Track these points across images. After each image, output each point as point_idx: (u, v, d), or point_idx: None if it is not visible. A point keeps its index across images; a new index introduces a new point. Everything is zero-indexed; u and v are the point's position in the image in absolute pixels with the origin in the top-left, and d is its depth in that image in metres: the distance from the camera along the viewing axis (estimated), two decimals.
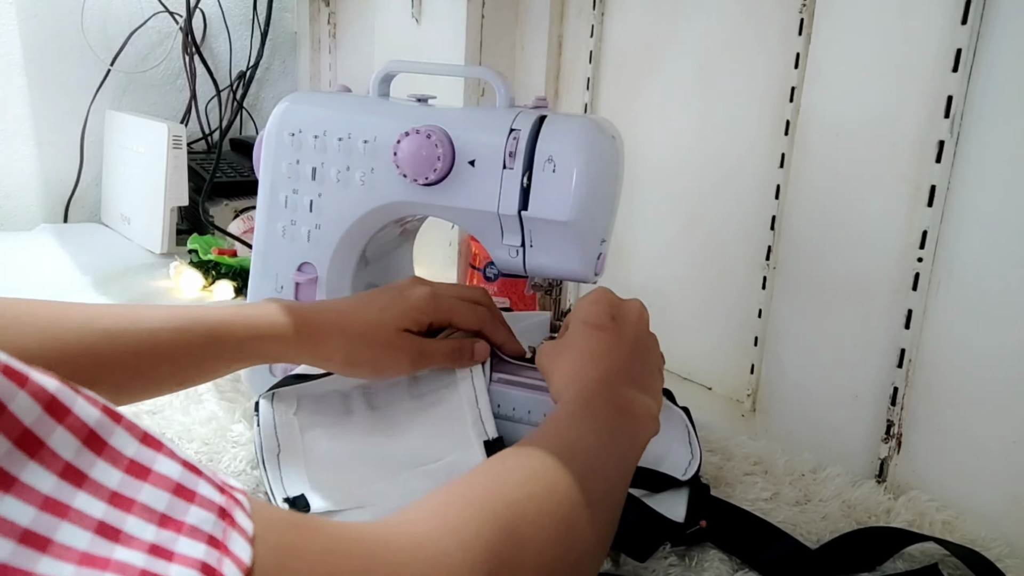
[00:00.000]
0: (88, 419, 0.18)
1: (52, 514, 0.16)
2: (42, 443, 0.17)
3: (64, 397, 0.18)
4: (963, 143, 0.57)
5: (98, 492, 0.17)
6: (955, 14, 0.56)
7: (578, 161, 0.54)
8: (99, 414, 0.18)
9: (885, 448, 0.63)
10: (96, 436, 0.18)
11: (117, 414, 0.19)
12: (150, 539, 0.18)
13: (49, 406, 0.17)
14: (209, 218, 1.07)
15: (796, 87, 0.68)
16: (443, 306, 0.57)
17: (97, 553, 0.16)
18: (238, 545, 0.19)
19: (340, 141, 0.61)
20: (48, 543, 0.16)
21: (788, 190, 0.69)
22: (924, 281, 0.60)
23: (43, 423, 0.17)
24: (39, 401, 0.17)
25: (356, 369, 0.56)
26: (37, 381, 0.17)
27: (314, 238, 0.63)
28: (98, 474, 0.18)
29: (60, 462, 0.17)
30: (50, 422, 0.17)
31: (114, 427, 0.18)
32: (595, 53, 0.87)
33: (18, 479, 0.16)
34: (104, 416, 0.18)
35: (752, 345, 0.75)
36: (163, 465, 0.19)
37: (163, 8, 1.27)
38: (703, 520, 0.53)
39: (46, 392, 0.17)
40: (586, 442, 0.42)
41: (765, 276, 0.72)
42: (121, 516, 0.17)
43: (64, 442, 0.17)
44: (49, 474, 0.17)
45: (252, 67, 1.29)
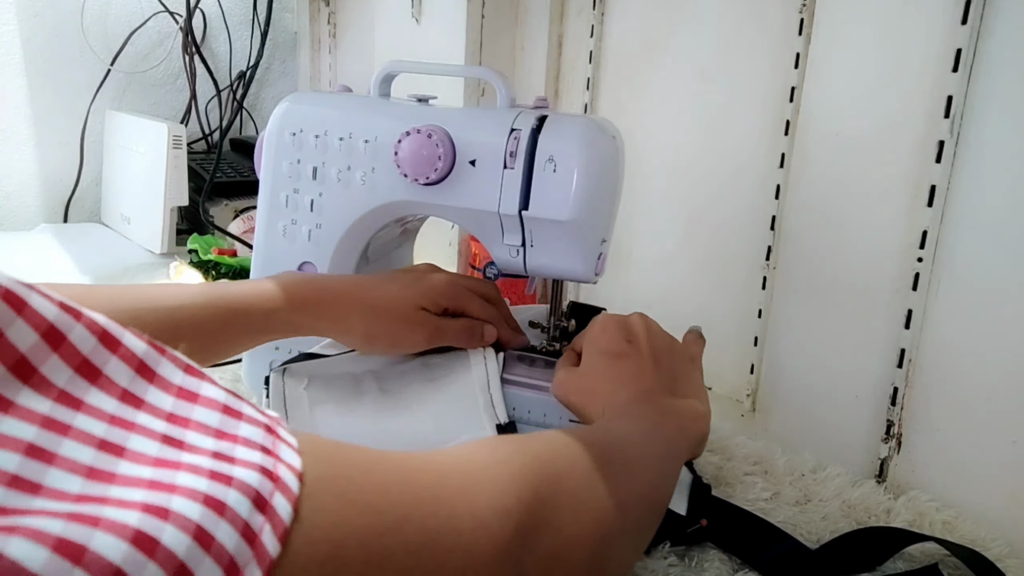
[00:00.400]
0: (137, 350, 0.20)
1: (121, 428, 0.18)
2: (100, 371, 0.18)
3: (114, 330, 0.19)
4: (963, 143, 0.57)
5: (156, 413, 0.19)
6: (955, 14, 0.56)
7: (578, 161, 0.54)
8: (146, 346, 0.20)
9: (885, 448, 0.63)
10: (146, 366, 0.20)
11: (161, 347, 0.20)
12: (211, 447, 0.19)
13: (103, 337, 0.19)
14: (209, 218, 1.07)
15: (796, 87, 0.68)
16: (460, 294, 0.58)
17: (168, 458, 0.18)
18: (287, 453, 0.21)
19: (341, 141, 0.61)
20: (123, 450, 0.17)
21: (788, 190, 0.69)
22: (924, 281, 0.60)
23: (99, 352, 0.19)
24: (93, 332, 0.19)
25: (375, 342, 0.57)
26: (90, 315, 0.19)
27: (315, 238, 0.63)
28: (152, 399, 0.19)
29: (118, 388, 0.19)
30: (105, 352, 0.19)
31: (160, 358, 0.20)
32: (595, 53, 0.87)
33: (84, 401, 0.18)
34: (151, 348, 0.20)
35: (752, 345, 0.75)
36: (208, 390, 0.21)
37: (163, 8, 1.27)
38: (704, 519, 0.53)
39: (98, 325, 0.19)
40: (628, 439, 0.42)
41: (765, 276, 0.72)
42: (181, 431, 0.19)
43: (119, 370, 0.19)
44: (110, 398, 0.18)
45: (252, 67, 1.29)
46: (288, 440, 0.21)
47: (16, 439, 0.15)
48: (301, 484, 0.20)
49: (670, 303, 0.82)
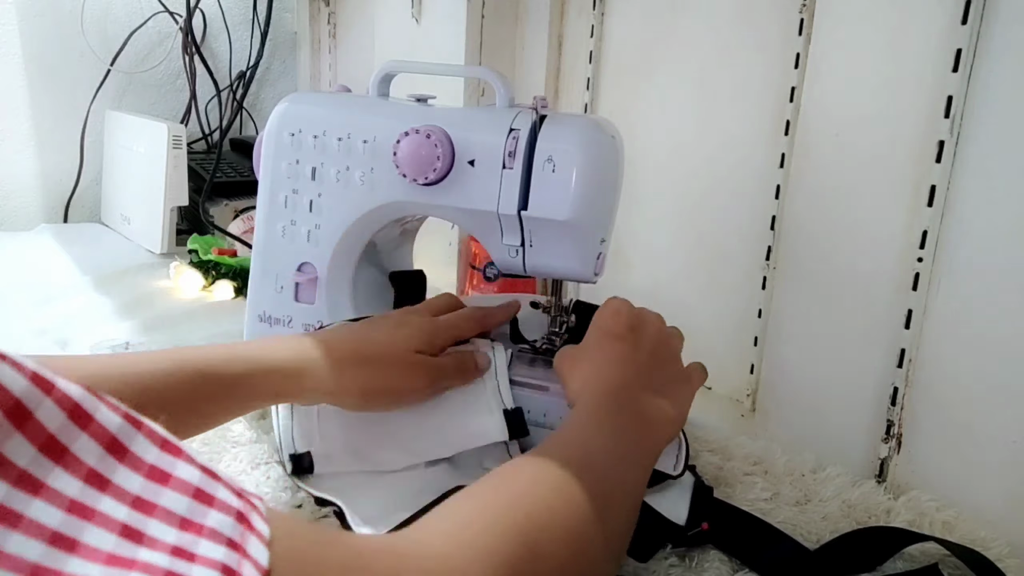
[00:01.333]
0: (110, 426, 0.19)
1: (79, 517, 0.17)
2: (66, 449, 0.17)
3: (87, 404, 0.18)
4: (963, 143, 0.57)
5: (121, 497, 0.18)
6: (955, 14, 0.56)
7: (578, 161, 0.54)
8: (121, 420, 0.19)
9: (885, 448, 0.63)
10: (118, 442, 0.18)
11: (138, 420, 0.19)
12: (172, 541, 0.18)
13: (73, 413, 0.18)
14: (209, 218, 1.07)
15: (796, 87, 0.68)
16: (446, 325, 0.57)
17: (122, 554, 0.17)
18: (256, 548, 0.20)
19: (340, 141, 0.61)
20: (76, 544, 0.16)
21: (788, 190, 0.69)
22: (924, 281, 0.60)
23: (68, 430, 0.18)
24: (63, 408, 0.18)
25: (374, 399, 0.52)
26: (62, 388, 0.18)
27: (314, 238, 0.63)
28: (121, 479, 0.18)
29: (84, 467, 0.18)
30: (74, 429, 0.18)
31: (135, 434, 0.19)
32: (595, 53, 0.87)
33: (45, 483, 0.17)
34: (126, 423, 0.19)
35: (752, 345, 0.75)
36: (182, 470, 0.19)
37: (163, 8, 1.27)
38: (705, 523, 0.53)
39: (70, 399, 0.18)
40: (602, 451, 0.41)
41: (765, 276, 0.72)
42: (144, 519, 0.18)
43: (88, 449, 0.18)
44: (74, 479, 0.17)
45: (252, 67, 1.29)
46: (259, 530, 0.20)
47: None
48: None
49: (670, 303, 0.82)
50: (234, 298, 0.96)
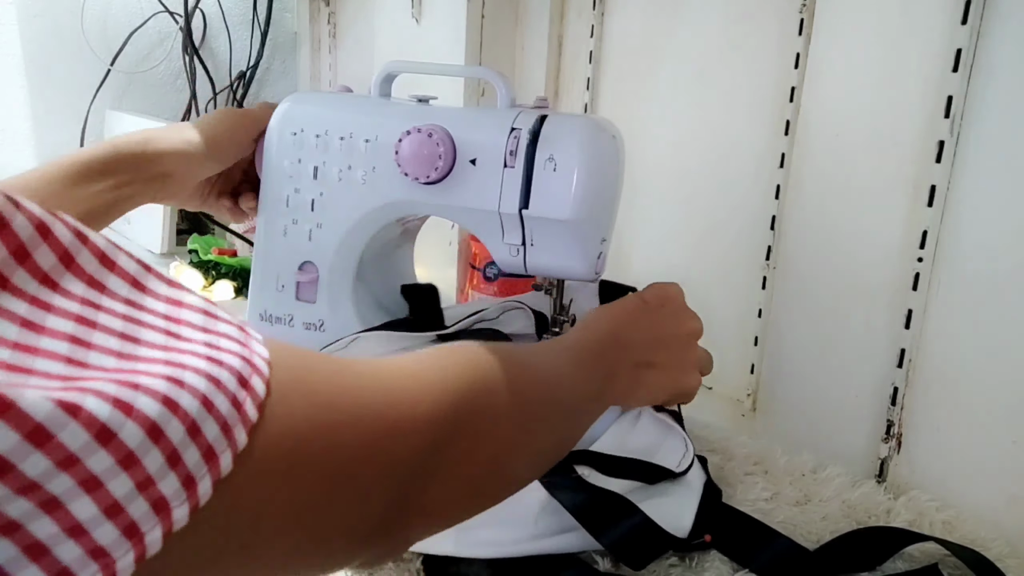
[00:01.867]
0: (130, 269, 0.23)
1: (134, 324, 0.21)
2: (104, 286, 0.22)
3: (111, 252, 0.22)
4: (963, 143, 0.57)
5: (155, 314, 0.22)
6: (955, 14, 0.56)
7: (579, 160, 0.54)
8: (136, 265, 0.23)
9: (885, 448, 0.63)
10: (138, 281, 0.23)
11: (147, 265, 0.23)
12: (202, 339, 0.23)
13: (102, 259, 0.22)
14: (209, 218, 1.07)
15: (796, 87, 0.68)
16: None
17: (172, 346, 0.21)
18: (258, 347, 0.24)
19: (342, 140, 0.61)
20: (138, 341, 0.21)
21: (788, 190, 0.69)
22: (924, 281, 0.60)
23: (101, 271, 0.22)
24: (95, 256, 0.22)
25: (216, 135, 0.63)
26: (93, 240, 0.22)
27: (315, 237, 0.63)
28: (150, 304, 0.23)
29: (121, 297, 0.22)
30: (104, 270, 0.22)
31: (148, 274, 0.23)
32: (595, 53, 0.87)
33: (100, 306, 0.21)
34: (140, 267, 0.23)
35: (752, 345, 0.75)
36: (189, 298, 0.24)
37: (163, 8, 1.27)
38: (708, 535, 0.52)
39: (98, 248, 0.22)
40: (555, 370, 0.43)
41: (765, 276, 0.73)
42: (177, 327, 0.22)
43: (119, 284, 0.22)
44: (115, 303, 0.22)
45: (252, 67, 1.29)
46: (256, 336, 0.25)
47: (61, 331, 0.19)
48: (270, 368, 0.24)
49: None
50: (234, 298, 0.96)
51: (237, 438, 0.22)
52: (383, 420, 0.29)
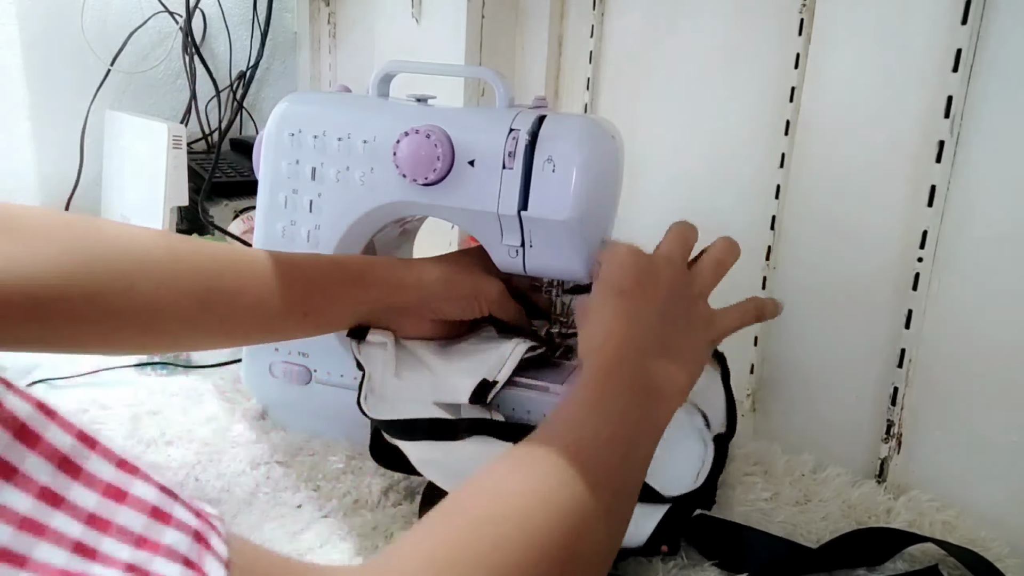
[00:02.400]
0: (62, 445, 0.18)
1: (30, 533, 0.17)
2: (15, 469, 0.17)
3: (35, 424, 0.18)
4: (963, 143, 0.57)
5: (75, 513, 0.18)
6: (955, 14, 0.56)
7: (578, 161, 0.54)
8: (73, 440, 0.18)
9: (885, 448, 0.63)
10: (71, 461, 0.18)
11: (92, 440, 0.19)
12: (126, 558, 0.18)
13: (19, 432, 0.17)
14: (209, 218, 1.07)
15: (796, 87, 0.68)
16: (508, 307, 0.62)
17: (75, 570, 0.17)
18: (213, 567, 0.20)
19: (340, 141, 0.61)
20: (26, 561, 0.16)
21: (788, 190, 0.69)
22: (924, 281, 0.60)
23: (14, 449, 0.17)
24: (9, 428, 0.17)
25: (453, 287, 0.60)
26: (8, 408, 0.17)
27: (314, 238, 0.63)
28: (75, 496, 0.18)
29: (36, 485, 0.17)
30: (21, 448, 0.17)
31: (89, 453, 0.19)
32: (595, 53, 0.87)
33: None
34: (78, 442, 0.19)
35: (752, 345, 0.74)
36: (139, 488, 0.19)
37: (163, 8, 1.27)
38: (664, 545, 0.51)
39: (17, 419, 0.18)
40: (601, 434, 0.40)
41: (765, 276, 0.72)
42: (98, 536, 0.18)
43: (38, 467, 0.18)
44: (26, 496, 0.17)
45: (252, 67, 1.29)
46: (217, 550, 0.20)
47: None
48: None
49: None
50: None
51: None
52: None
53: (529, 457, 0.38)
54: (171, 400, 0.67)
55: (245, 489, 0.56)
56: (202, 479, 0.57)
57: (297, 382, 0.64)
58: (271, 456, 0.61)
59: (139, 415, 0.64)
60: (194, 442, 0.62)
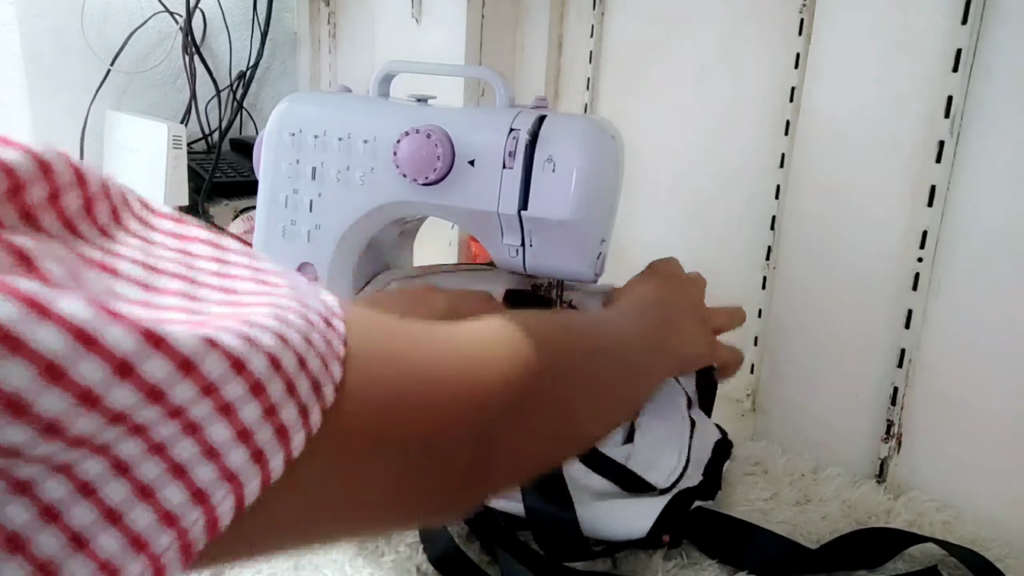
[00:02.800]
0: (202, 232, 0.24)
1: (226, 277, 0.23)
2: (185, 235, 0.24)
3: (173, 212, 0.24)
4: (963, 143, 0.57)
5: (240, 265, 0.24)
6: (955, 14, 0.56)
7: (578, 161, 0.54)
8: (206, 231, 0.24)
9: (885, 448, 0.63)
10: (213, 242, 0.24)
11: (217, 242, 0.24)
12: (287, 283, 0.24)
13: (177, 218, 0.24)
14: (209, 218, 1.07)
15: (796, 87, 0.68)
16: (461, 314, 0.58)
17: (265, 291, 0.23)
18: (331, 300, 0.25)
19: (340, 141, 0.61)
20: (235, 291, 0.22)
21: (788, 190, 0.69)
22: (924, 281, 0.60)
23: (181, 226, 0.24)
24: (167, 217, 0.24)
25: None
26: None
27: (314, 238, 0.63)
28: (231, 257, 0.24)
29: (208, 244, 0.24)
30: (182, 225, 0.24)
31: (220, 236, 0.24)
32: (595, 53, 0.87)
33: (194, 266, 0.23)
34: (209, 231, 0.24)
35: (752, 345, 0.75)
36: (262, 261, 0.25)
37: (163, 8, 1.27)
38: (666, 535, 0.52)
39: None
40: (624, 333, 0.46)
41: (765, 276, 0.72)
42: (264, 275, 0.24)
43: (200, 232, 0.24)
44: (203, 249, 0.23)
45: (252, 67, 1.29)
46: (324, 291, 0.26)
47: (173, 272, 0.21)
48: (346, 324, 0.25)
49: None
50: None
51: (333, 372, 0.23)
52: (460, 386, 0.29)
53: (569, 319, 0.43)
54: None
55: None
56: None
57: None
58: None
59: None
60: None
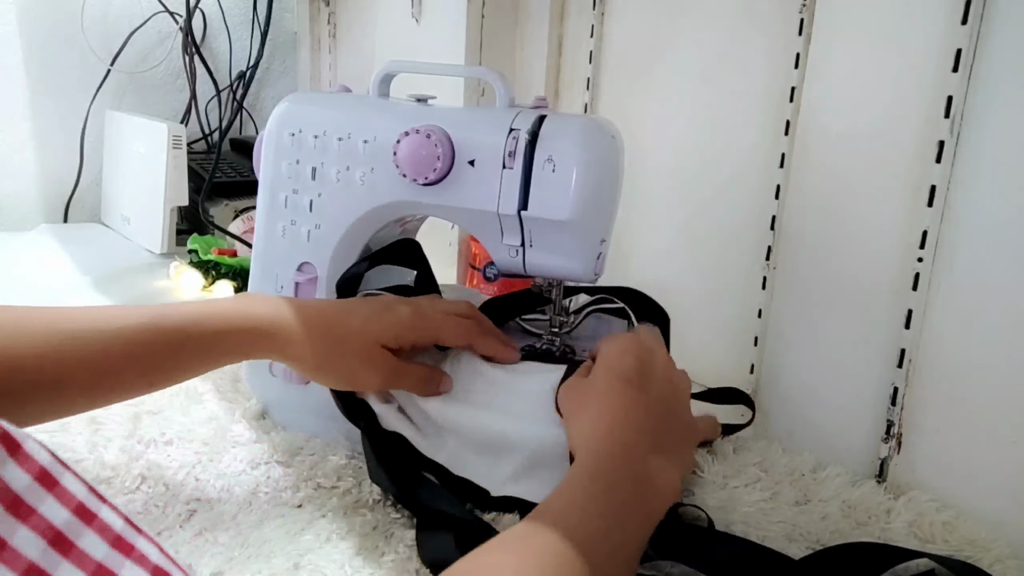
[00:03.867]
0: (56, 520, 0.18)
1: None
2: (5, 543, 0.17)
3: (30, 497, 0.17)
4: (963, 143, 0.57)
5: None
6: (955, 14, 0.56)
7: (578, 161, 0.54)
8: (69, 515, 0.18)
9: (885, 448, 0.63)
10: (64, 537, 0.18)
11: (91, 513, 0.19)
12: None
13: (13, 504, 0.17)
14: (209, 218, 1.07)
15: (796, 87, 0.68)
16: (429, 324, 0.56)
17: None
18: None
19: (340, 141, 0.61)
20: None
21: (788, 190, 0.69)
22: (924, 281, 0.60)
23: (5, 522, 0.17)
24: (2, 501, 0.17)
25: (326, 376, 0.55)
26: (5, 479, 0.17)
27: (314, 238, 0.63)
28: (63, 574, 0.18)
29: (24, 561, 0.17)
30: (13, 521, 0.17)
31: (84, 529, 0.18)
32: (595, 53, 0.87)
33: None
34: (74, 517, 0.18)
35: (752, 345, 0.75)
36: (129, 571, 0.19)
37: (163, 8, 1.27)
38: None
39: (10, 492, 0.17)
40: (597, 525, 0.40)
41: (765, 276, 0.72)
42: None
43: (29, 542, 0.17)
44: (11, 574, 0.17)
45: (252, 67, 1.29)
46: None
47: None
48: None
49: (670, 303, 0.82)
50: None
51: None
52: None
53: (521, 543, 0.37)
54: (171, 400, 0.67)
55: (245, 489, 0.56)
56: (202, 479, 0.57)
57: (297, 382, 0.64)
58: (271, 456, 0.61)
59: (139, 415, 0.64)
60: (194, 442, 0.61)
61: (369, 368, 0.54)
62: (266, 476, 0.58)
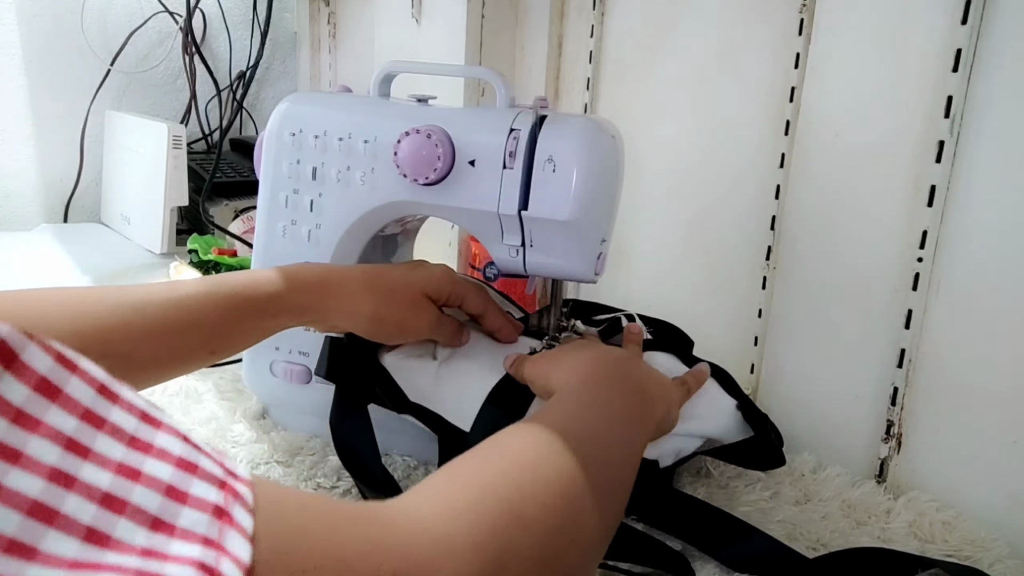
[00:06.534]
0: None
1: (39, 520, 0.16)
2: (19, 453, 0.17)
3: (35, 408, 0.17)
4: (963, 143, 0.57)
5: (89, 494, 0.17)
6: (955, 14, 0.56)
7: (578, 161, 0.54)
8: (77, 422, 0.18)
9: (885, 448, 0.63)
10: (77, 444, 0.18)
11: (100, 419, 0.18)
12: (141, 544, 0.18)
13: (17, 418, 0.17)
14: (209, 218, 1.07)
15: (796, 87, 0.68)
16: (459, 282, 0.59)
17: (86, 560, 0.16)
18: (235, 542, 0.19)
19: (340, 141, 0.61)
20: (34, 552, 0.16)
21: (788, 190, 0.69)
22: (924, 281, 0.60)
23: (13, 433, 0.17)
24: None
25: (382, 326, 0.56)
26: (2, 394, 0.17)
27: (314, 238, 0.63)
28: (95, 460, 0.18)
29: (44, 468, 0.17)
30: (22, 432, 0.17)
31: (97, 434, 0.18)
32: (595, 53, 0.87)
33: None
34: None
35: (752, 345, 0.75)
36: (151, 466, 0.19)
37: (163, 8, 1.27)
38: None
39: (11, 407, 0.17)
40: (594, 427, 0.41)
41: (765, 276, 0.72)
42: (111, 519, 0.17)
43: (45, 449, 0.17)
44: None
45: (252, 67, 1.29)
46: (240, 524, 0.20)
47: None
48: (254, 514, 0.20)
49: (670, 303, 0.82)
50: None
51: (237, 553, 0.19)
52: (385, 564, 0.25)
53: (535, 434, 0.38)
54: (171, 400, 0.67)
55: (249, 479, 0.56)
56: None
57: (298, 381, 0.64)
58: (271, 456, 0.61)
59: None
60: None
61: (418, 315, 0.57)
62: (266, 476, 0.58)
